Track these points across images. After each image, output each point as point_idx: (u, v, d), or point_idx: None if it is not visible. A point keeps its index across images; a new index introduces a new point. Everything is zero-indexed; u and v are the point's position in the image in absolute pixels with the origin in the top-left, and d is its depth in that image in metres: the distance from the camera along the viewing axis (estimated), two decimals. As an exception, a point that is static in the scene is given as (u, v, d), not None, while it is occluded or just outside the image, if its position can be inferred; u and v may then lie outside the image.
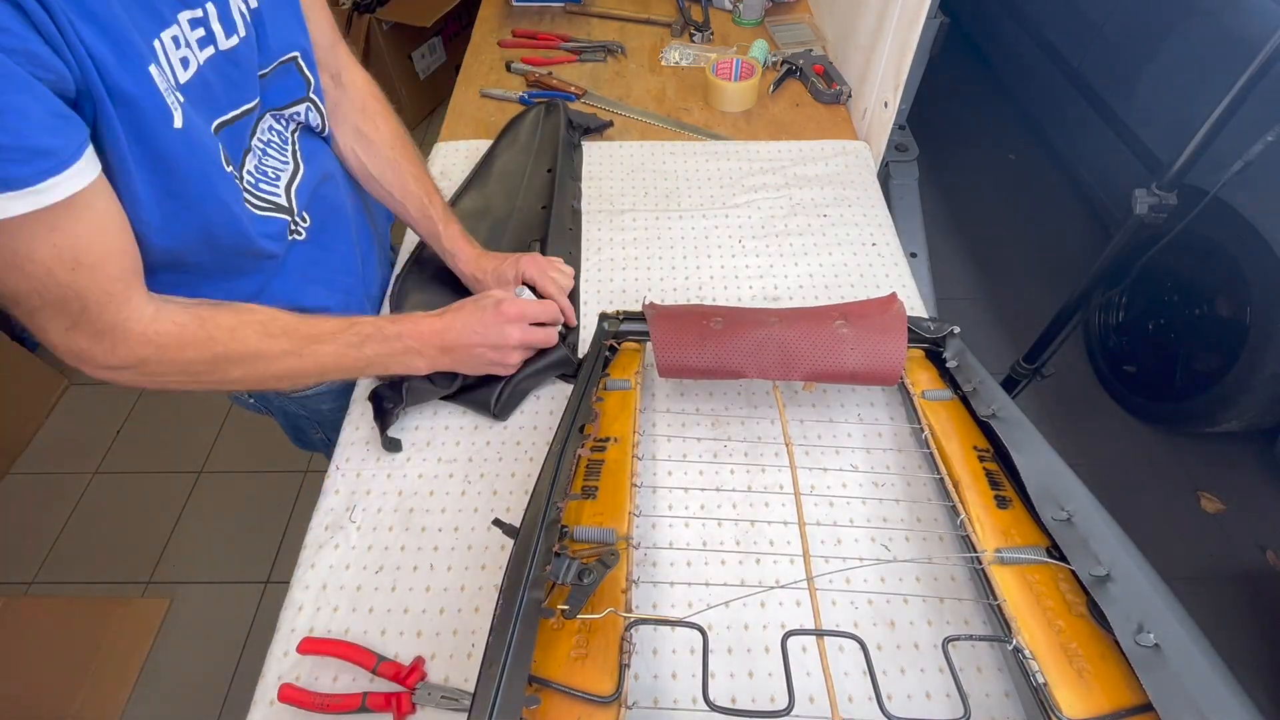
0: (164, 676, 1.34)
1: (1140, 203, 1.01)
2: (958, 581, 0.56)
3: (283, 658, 0.54)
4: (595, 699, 0.42)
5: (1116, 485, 1.57)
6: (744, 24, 1.28)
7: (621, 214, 0.91)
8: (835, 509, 0.61)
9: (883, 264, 0.84)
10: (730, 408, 0.69)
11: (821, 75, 1.10)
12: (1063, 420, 1.70)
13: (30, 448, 1.73)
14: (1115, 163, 1.76)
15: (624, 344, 0.72)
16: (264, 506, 1.57)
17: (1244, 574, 1.43)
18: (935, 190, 2.29)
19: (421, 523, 0.61)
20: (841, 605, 0.55)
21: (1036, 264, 2.07)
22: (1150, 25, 1.63)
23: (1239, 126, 0.90)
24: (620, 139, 1.03)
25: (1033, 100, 2.22)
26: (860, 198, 0.93)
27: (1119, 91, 1.73)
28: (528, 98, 1.09)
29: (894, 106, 0.91)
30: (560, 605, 0.44)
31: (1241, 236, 1.35)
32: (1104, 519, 0.48)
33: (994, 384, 0.61)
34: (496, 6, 1.35)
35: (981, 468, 0.57)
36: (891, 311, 0.64)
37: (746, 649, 0.53)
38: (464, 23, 2.60)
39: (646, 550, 0.58)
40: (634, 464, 0.59)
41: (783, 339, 0.61)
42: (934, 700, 0.50)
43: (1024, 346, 1.33)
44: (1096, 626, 0.45)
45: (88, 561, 1.52)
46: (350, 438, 0.68)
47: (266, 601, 1.44)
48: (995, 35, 2.42)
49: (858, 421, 0.68)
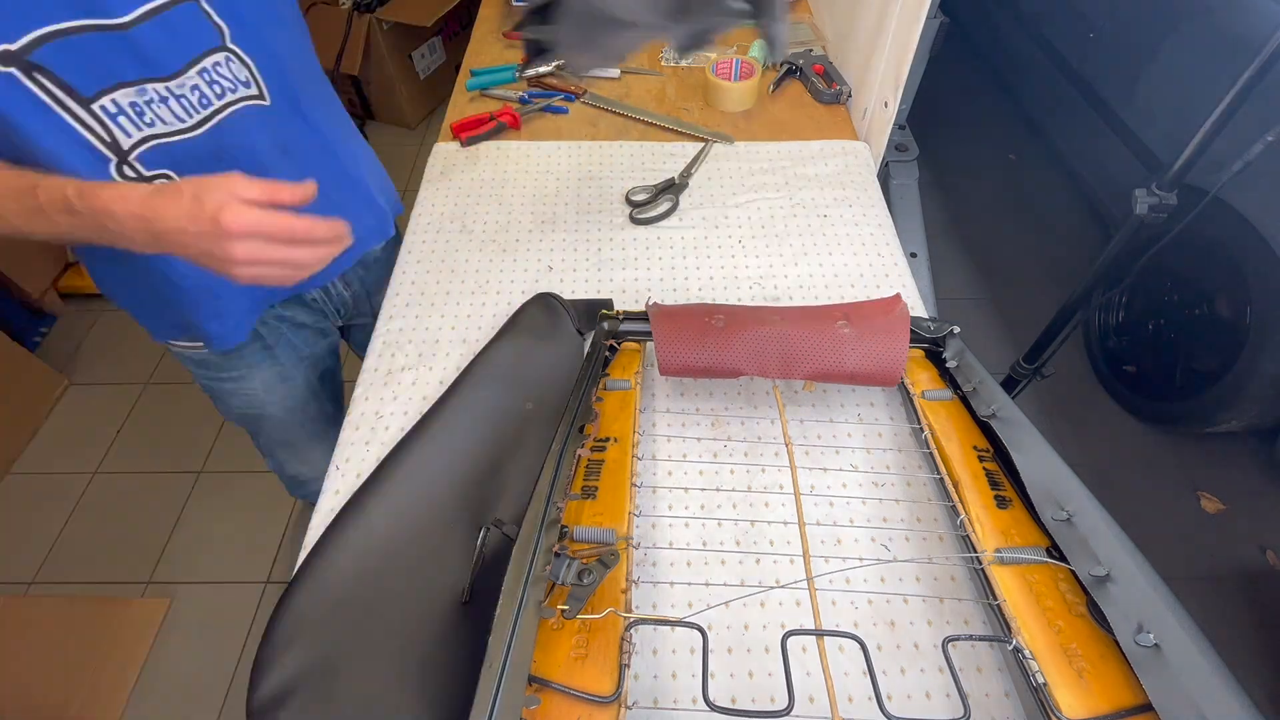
0: (164, 676, 1.34)
1: (1140, 203, 1.01)
2: (958, 581, 0.56)
3: (283, 658, 0.54)
4: (595, 699, 0.42)
5: (1116, 485, 1.57)
6: (744, 24, 1.27)
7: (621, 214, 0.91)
8: (835, 509, 0.61)
9: (883, 264, 0.84)
10: (730, 408, 0.69)
11: (821, 75, 1.10)
12: (1063, 420, 1.70)
13: (30, 448, 1.73)
14: (1115, 163, 1.76)
15: (624, 344, 0.72)
16: (264, 506, 1.57)
17: (1244, 574, 1.43)
18: (935, 190, 2.29)
19: (421, 523, 0.61)
20: (841, 605, 0.55)
21: (1036, 264, 2.07)
22: (1150, 25, 1.63)
23: (1239, 126, 0.90)
24: (621, 139, 1.03)
25: (1033, 100, 2.22)
26: (860, 198, 0.93)
27: (1119, 91, 1.73)
28: (528, 97, 1.09)
29: (894, 106, 0.91)
30: (560, 605, 0.44)
31: (1241, 236, 1.35)
32: (1104, 519, 0.48)
33: (994, 384, 0.61)
34: (496, 6, 1.35)
35: (981, 468, 0.57)
36: (894, 313, 0.64)
37: (746, 649, 0.53)
38: (464, 23, 2.60)
39: (646, 550, 0.58)
40: (634, 464, 0.59)
41: (784, 338, 0.61)
42: (934, 700, 0.50)
43: (1024, 346, 1.33)
44: (1096, 627, 0.45)
45: (88, 561, 1.52)
46: (350, 438, 0.68)
47: (266, 601, 1.44)
48: (995, 35, 2.42)
49: (858, 421, 0.68)
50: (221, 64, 0.59)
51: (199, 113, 0.59)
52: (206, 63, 0.58)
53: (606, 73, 1.15)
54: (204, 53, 0.58)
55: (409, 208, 0.93)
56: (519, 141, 1.03)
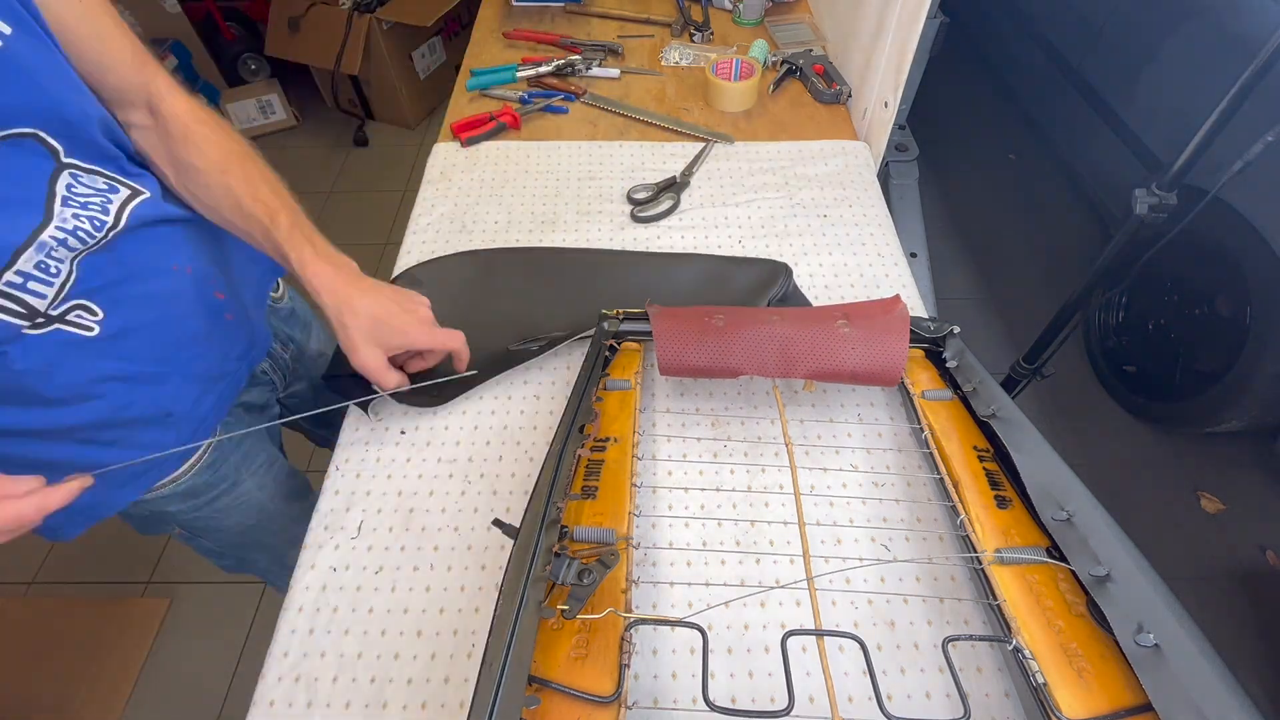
0: (164, 676, 1.34)
1: (1140, 203, 1.01)
2: (958, 581, 0.56)
3: (283, 658, 0.54)
4: (595, 699, 0.42)
5: (1116, 485, 1.57)
6: (744, 24, 1.28)
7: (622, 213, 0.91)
8: (835, 509, 0.61)
9: (883, 264, 0.84)
10: (730, 408, 0.69)
11: (821, 75, 1.10)
12: (1063, 420, 1.70)
13: (30, 448, 1.73)
14: (1115, 163, 1.76)
15: (624, 344, 0.72)
16: (264, 506, 1.57)
17: (1244, 574, 1.43)
18: (935, 190, 2.29)
19: (421, 523, 0.61)
20: (841, 605, 0.55)
21: (1036, 264, 2.08)
22: (1150, 25, 1.63)
23: (1239, 126, 0.90)
24: (621, 139, 1.03)
25: (1033, 100, 2.22)
26: (860, 198, 0.93)
27: (1119, 91, 1.73)
28: (528, 97, 1.09)
29: (894, 106, 0.91)
30: (560, 605, 0.44)
31: (1241, 236, 1.35)
32: (1104, 519, 0.48)
33: (994, 384, 0.61)
34: (496, 6, 1.35)
35: (981, 468, 0.57)
36: (894, 313, 0.64)
37: (746, 649, 0.53)
38: (464, 23, 2.60)
39: (646, 550, 0.58)
40: (634, 464, 0.59)
41: (784, 337, 0.61)
42: (934, 700, 0.50)
43: (1024, 346, 1.33)
44: (1096, 626, 0.45)
45: (88, 561, 1.52)
46: (350, 438, 0.68)
47: (266, 601, 1.44)
48: (995, 35, 2.42)
49: (858, 421, 0.68)
50: (73, 184, 0.52)
51: (96, 235, 0.52)
52: (59, 187, 0.50)
53: (606, 73, 1.15)
54: (54, 174, 0.50)
55: (409, 208, 0.93)
56: (519, 141, 1.03)
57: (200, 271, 0.62)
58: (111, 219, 0.53)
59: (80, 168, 0.52)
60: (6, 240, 0.47)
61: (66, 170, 0.51)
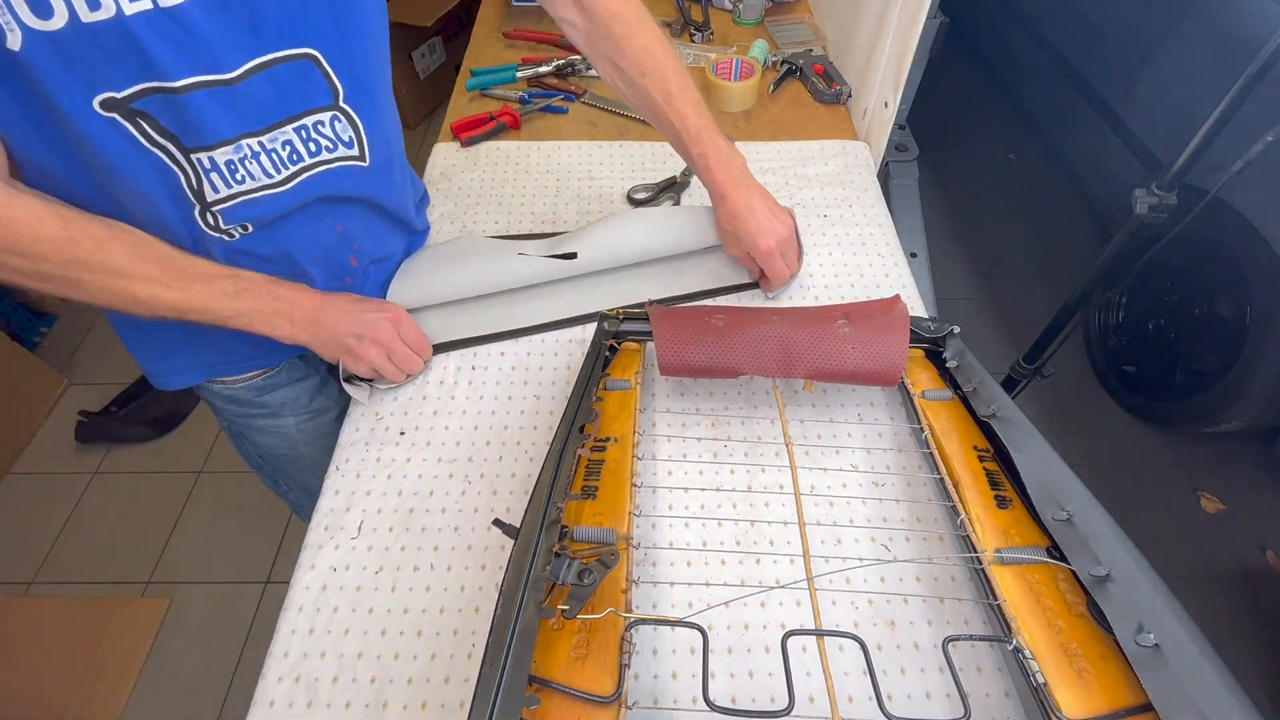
0: (164, 676, 1.34)
1: (1140, 203, 1.01)
2: (958, 581, 0.56)
3: (283, 658, 0.54)
4: (595, 699, 0.42)
5: (1116, 485, 1.57)
6: (744, 24, 1.28)
7: (621, 214, 0.91)
8: (835, 509, 0.61)
9: (883, 264, 0.84)
10: (730, 408, 0.69)
11: (821, 75, 1.10)
12: (1063, 420, 1.70)
13: (30, 448, 1.73)
14: (1115, 163, 1.76)
15: (624, 344, 0.72)
16: (264, 506, 1.57)
17: (1244, 574, 1.43)
18: (935, 190, 2.29)
19: (421, 523, 0.61)
20: (841, 605, 0.55)
21: (1036, 264, 2.08)
22: (1150, 25, 1.63)
23: (1239, 126, 0.90)
24: (621, 139, 1.03)
25: (1033, 100, 2.22)
26: (860, 198, 0.93)
27: (1119, 91, 1.73)
28: (528, 97, 1.09)
29: (894, 106, 0.91)
30: (560, 605, 0.44)
31: (1241, 236, 1.35)
32: (1104, 519, 0.48)
33: (994, 384, 0.61)
34: (496, 6, 1.35)
35: (981, 468, 0.57)
36: (894, 313, 0.64)
37: (746, 649, 0.53)
38: (464, 23, 2.60)
39: (646, 550, 0.58)
40: (634, 464, 0.59)
41: (784, 337, 0.61)
42: (934, 700, 0.50)
43: (1024, 346, 1.33)
44: (1096, 626, 0.45)
45: (88, 561, 1.52)
46: (350, 438, 0.68)
47: (266, 601, 1.44)
48: (995, 35, 2.42)
49: (858, 421, 0.68)
50: (325, 123, 0.59)
51: (287, 169, 0.58)
52: (308, 120, 0.57)
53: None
54: (310, 110, 0.57)
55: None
56: (519, 141, 1.03)
57: (348, 232, 0.68)
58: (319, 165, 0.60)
59: (346, 113, 0.60)
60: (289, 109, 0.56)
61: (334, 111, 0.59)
